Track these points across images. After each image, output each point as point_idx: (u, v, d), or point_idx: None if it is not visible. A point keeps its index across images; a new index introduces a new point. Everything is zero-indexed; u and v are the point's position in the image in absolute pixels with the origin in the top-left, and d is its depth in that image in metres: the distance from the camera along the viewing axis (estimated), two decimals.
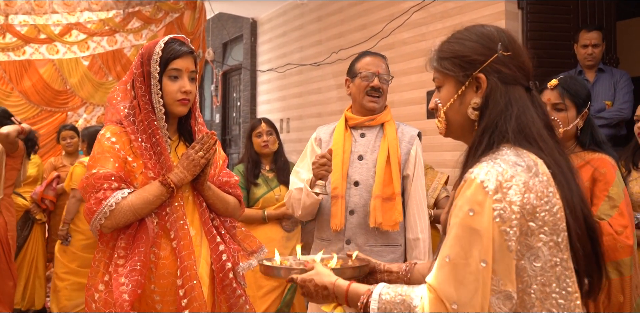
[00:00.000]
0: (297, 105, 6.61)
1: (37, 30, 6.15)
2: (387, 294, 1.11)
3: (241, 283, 1.93)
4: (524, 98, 1.15)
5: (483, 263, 1.00)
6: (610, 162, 1.97)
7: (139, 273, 1.66)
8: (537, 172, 1.06)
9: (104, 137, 1.79)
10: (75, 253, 4.04)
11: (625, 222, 1.90)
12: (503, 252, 1.00)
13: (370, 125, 2.36)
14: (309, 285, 1.29)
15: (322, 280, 1.27)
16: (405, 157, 2.32)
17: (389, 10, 5.03)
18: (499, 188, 1.02)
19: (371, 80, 2.32)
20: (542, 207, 1.04)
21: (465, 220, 1.03)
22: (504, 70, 1.15)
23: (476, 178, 1.04)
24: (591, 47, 3.70)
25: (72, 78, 6.43)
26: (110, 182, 1.71)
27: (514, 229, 1.01)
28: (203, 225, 1.85)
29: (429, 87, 4.53)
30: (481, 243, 1.00)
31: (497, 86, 1.14)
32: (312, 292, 1.29)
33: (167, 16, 6.37)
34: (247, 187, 3.37)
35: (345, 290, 1.22)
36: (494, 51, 1.15)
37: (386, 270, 1.47)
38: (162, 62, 1.78)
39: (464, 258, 1.01)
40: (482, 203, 1.02)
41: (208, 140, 1.79)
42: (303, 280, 1.30)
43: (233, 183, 2.01)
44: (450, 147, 4.24)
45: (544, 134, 1.13)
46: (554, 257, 1.05)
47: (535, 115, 1.14)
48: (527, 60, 1.18)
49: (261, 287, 3.30)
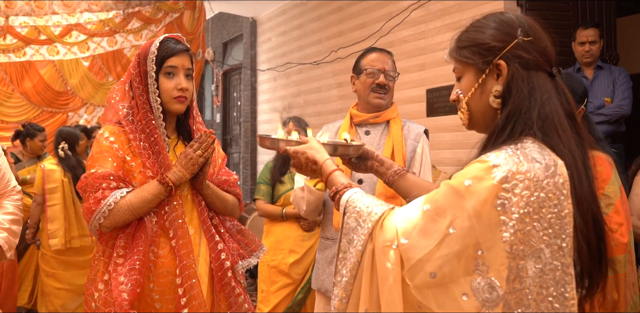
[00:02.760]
0: (298, 104, 6.61)
1: (37, 32, 6.16)
2: (361, 194, 1.21)
3: (240, 282, 1.93)
4: (548, 84, 1.12)
5: (452, 229, 1.01)
6: (607, 159, 1.96)
7: (138, 272, 1.67)
8: (554, 172, 1.03)
9: (102, 137, 1.80)
10: (54, 257, 4.03)
11: (620, 220, 1.89)
12: (495, 240, 0.99)
13: (376, 122, 2.31)
14: (301, 157, 1.38)
15: (314, 155, 1.36)
16: (411, 155, 2.27)
17: (388, 9, 5.03)
18: (509, 178, 1.00)
19: (377, 76, 2.27)
20: (550, 209, 1.02)
21: (458, 186, 1.03)
22: (525, 56, 1.11)
23: (489, 162, 1.02)
24: (588, 44, 3.70)
25: (72, 79, 6.44)
26: (108, 181, 1.72)
27: (514, 222, 0.99)
28: (202, 224, 1.86)
29: (429, 85, 4.53)
30: (458, 212, 1.01)
31: (518, 72, 1.11)
32: (302, 164, 1.38)
33: (166, 16, 6.38)
34: (272, 183, 3.45)
35: (329, 173, 1.32)
36: (514, 37, 1.12)
37: (378, 160, 1.56)
38: (158, 61, 1.79)
39: (437, 214, 1.03)
40: (481, 180, 1.01)
41: (206, 139, 1.79)
42: (296, 152, 1.39)
43: (232, 182, 2.01)
44: (449, 145, 4.24)
45: (565, 123, 1.10)
46: (555, 260, 1.03)
47: (557, 103, 1.11)
48: (549, 45, 1.15)
49: (274, 283, 3.35)
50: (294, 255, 3.38)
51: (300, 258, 3.38)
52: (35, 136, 4.61)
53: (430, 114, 4.51)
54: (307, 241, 3.43)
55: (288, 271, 3.35)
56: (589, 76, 3.77)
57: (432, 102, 4.49)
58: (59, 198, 4.01)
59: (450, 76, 4.41)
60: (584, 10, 4.08)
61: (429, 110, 4.53)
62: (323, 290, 2.27)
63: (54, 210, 3.99)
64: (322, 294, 2.31)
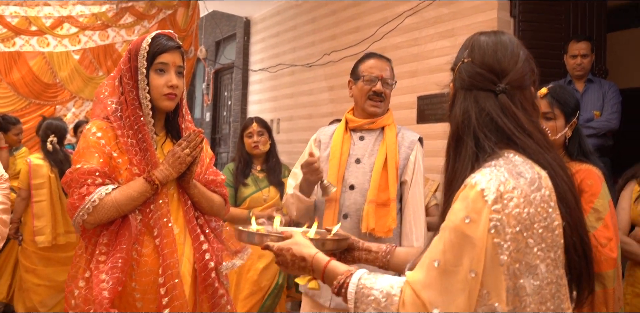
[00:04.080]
0: (288, 106, 6.60)
1: (28, 22, 6.09)
2: (368, 279, 1.09)
3: (224, 283, 1.92)
4: (488, 101, 1.13)
5: (472, 273, 0.97)
6: (597, 173, 1.95)
7: (120, 270, 1.65)
8: (540, 186, 1.03)
9: (89, 132, 1.78)
10: (35, 253, 3.95)
11: (609, 235, 1.88)
12: (494, 264, 0.98)
13: (371, 128, 2.30)
14: (286, 254, 1.24)
15: (301, 251, 1.23)
16: (404, 162, 2.25)
17: (383, 14, 5.04)
18: (499, 198, 0.99)
19: (374, 84, 2.26)
20: (541, 223, 1.01)
21: (460, 226, 0.99)
22: (462, 77, 1.17)
23: (477, 185, 1.01)
24: (580, 57, 3.74)
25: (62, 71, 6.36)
26: (94, 177, 1.70)
27: (508, 243, 0.98)
28: (187, 223, 1.84)
29: (420, 91, 4.55)
30: (473, 252, 0.97)
31: (458, 92, 1.18)
32: (289, 261, 1.24)
33: (160, 12, 6.34)
34: (235, 186, 3.32)
35: (324, 266, 1.19)
36: (460, 59, 1.19)
37: (365, 248, 1.44)
38: (149, 57, 1.78)
39: (453, 265, 0.98)
40: (479, 212, 0.98)
41: (195, 138, 1.78)
42: (280, 249, 1.25)
43: (219, 182, 2.00)
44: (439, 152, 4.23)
45: (518, 133, 1.11)
46: (550, 274, 1.02)
47: (501, 115, 1.11)
48: (494, 63, 1.15)
49: (242, 290, 3.27)
50: (264, 260, 3.28)
51: (269, 263, 3.28)
52: (9, 130, 4.44)
53: (420, 121, 4.52)
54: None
55: (257, 278, 3.26)
56: (579, 89, 3.81)
57: (423, 109, 4.50)
58: (46, 195, 3.93)
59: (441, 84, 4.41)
60: (576, 24, 4.13)
61: (419, 117, 4.54)
62: (310, 294, 2.26)
63: (41, 206, 3.91)
64: (309, 297, 2.29)
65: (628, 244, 2.28)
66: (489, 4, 3.99)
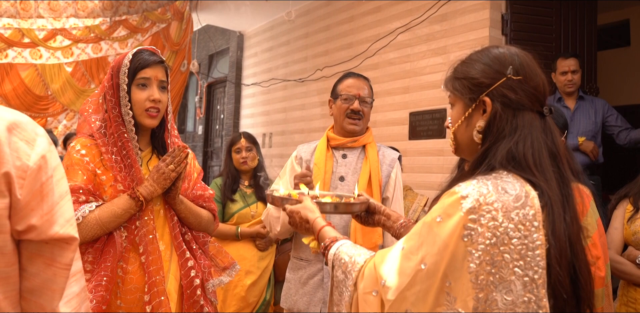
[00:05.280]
0: (281, 120, 6.60)
1: (21, 34, 6.08)
2: (345, 247, 1.26)
3: (211, 300, 1.89)
4: (534, 124, 1.13)
5: (423, 265, 1.03)
6: (585, 192, 1.97)
7: (105, 288, 1.62)
8: (524, 204, 1.03)
9: (73, 150, 1.77)
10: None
11: (597, 253, 1.89)
12: (462, 271, 1.00)
13: (353, 146, 2.34)
14: (296, 216, 1.45)
15: (307, 214, 1.43)
16: (386, 180, 2.31)
17: (375, 31, 5.07)
18: (476, 209, 1.01)
19: (351, 102, 2.30)
20: (520, 240, 1.01)
21: (430, 222, 1.06)
22: (510, 95, 1.12)
23: (459, 193, 1.04)
24: (570, 73, 3.77)
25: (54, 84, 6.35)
26: (77, 195, 1.68)
27: (480, 253, 1.00)
28: (173, 240, 1.82)
29: (412, 108, 4.56)
30: (431, 248, 1.03)
31: (503, 111, 1.13)
32: (297, 222, 1.45)
33: (153, 26, 6.35)
34: (222, 202, 3.29)
35: (318, 230, 1.38)
36: (503, 75, 1.14)
37: (385, 214, 1.61)
38: (131, 73, 1.77)
39: (411, 253, 1.07)
40: (450, 215, 1.03)
41: (179, 154, 1.77)
42: (291, 211, 1.47)
43: (207, 197, 1.98)
44: (430, 168, 4.25)
45: (545, 162, 1.10)
46: (528, 293, 1.01)
47: (539, 143, 1.11)
48: (540, 83, 1.16)
49: (229, 306, 3.22)
50: (251, 277, 3.25)
51: (257, 279, 3.25)
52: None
53: (412, 137, 4.53)
54: (263, 261, 3.30)
55: (245, 294, 3.21)
56: (570, 106, 3.83)
57: (415, 125, 4.51)
58: None
59: (433, 100, 4.45)
60: (567, 42, 4.17)
61: (411, 133, 4.55)
62: (296, 310, 2.25)
63: None
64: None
65: (621, 264, 2.27)
66: (480, 22, 4.03)
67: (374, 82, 5.04)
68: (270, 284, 3.38)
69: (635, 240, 2.29)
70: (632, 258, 2.27)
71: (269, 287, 3.34)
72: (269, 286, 3.35)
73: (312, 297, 2.21)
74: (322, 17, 5.91)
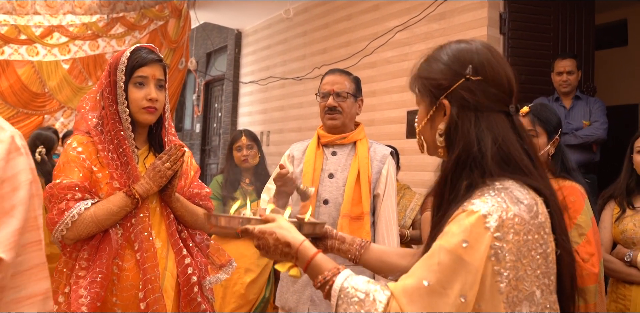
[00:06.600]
0: (278, 118, 6.60)
1: (17, 31, 6.05)
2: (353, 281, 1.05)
3: (208, 297, 1.89)
4: (503, 125, 1.07)
5: (462, 298, 0.94)
6: (579, 190, 1.99)
7: (100, 285, 1.62)
8: (537, 212, 1.00)
9: (70, 147, 1.77)
10: None
11: (591, 250, 1.91)
12: (493, 292, 0.95)
13: (342, 143, 2.34)
14: (269, 238, 1.17)
15: (285, 236, 1.16)
16: (377, 176, 2.30)
17: (374, 29, 5.07)
18: (501, 226, 0.96)
19: (326, 99, 2.33)
20: (538, 249, 0.99)
21: (456, 249, 0.95)
22: (468, 97, 1.06)
23: (479, 211, 0.97)
24: (566, 74, 3.80)
25: (51, 81, 6.32)
26: (74, 192, 1.68)
27: (508, 271, 0.95)
28: (170, 237, 1.82)
29: (410, 106, 4.56)
30: (467, 277, 0.94)
31: (463, 113, 1.07)
32: (271, 246, 1.17)
33: (151, 23, 6.33)
34: (223, 199, 3.29)
35: (310, 258, 1.13)
36: (461, 76, 1.08)
37: (339, 238, 1.38)
38: (128, 70, 1.77)
39: (443, 287, 0.95)
40: (479, 238, 0.95)
41: (176, 152, 1.77)
42: (262, 232, 1.17)
43: (204, 195, 1.98)
44: (428, 167, 4.25)
45: (527, 163, 1.06)
46: (545, 300, 1.00)
47: (514, 144, 1.06)
48: (506, 82, 1.09)
49: (228, 304, 3.23)
50: (251, 274, 3.25)
51: (256, 277, 3.25)
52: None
53: (410, 135, 4.53)
54: (263, 259, 3.29)
55: (244, 292, 3.22)
56: (566, 105, 3.86)
57: (413, 123, 4.51)
58: None
59: None
60: (564, 42, 4.18)
61: (409, 132, 4.55)
62: (287, 308, 2.27)
63: None
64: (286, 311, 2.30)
65: (611, 262, 2.31)
66: (479, 21, 4.04)
67: (371, 80, 5.04)
68: (270, 282, 3.38)
69: (623, 239, 2.33)
70: (620, 256, 2.31)
71: (268, 285, 3.34)
72: (268, 284, 3.35)
73: (301, 295, 2.22)
74: (320, 16, 5.91)
